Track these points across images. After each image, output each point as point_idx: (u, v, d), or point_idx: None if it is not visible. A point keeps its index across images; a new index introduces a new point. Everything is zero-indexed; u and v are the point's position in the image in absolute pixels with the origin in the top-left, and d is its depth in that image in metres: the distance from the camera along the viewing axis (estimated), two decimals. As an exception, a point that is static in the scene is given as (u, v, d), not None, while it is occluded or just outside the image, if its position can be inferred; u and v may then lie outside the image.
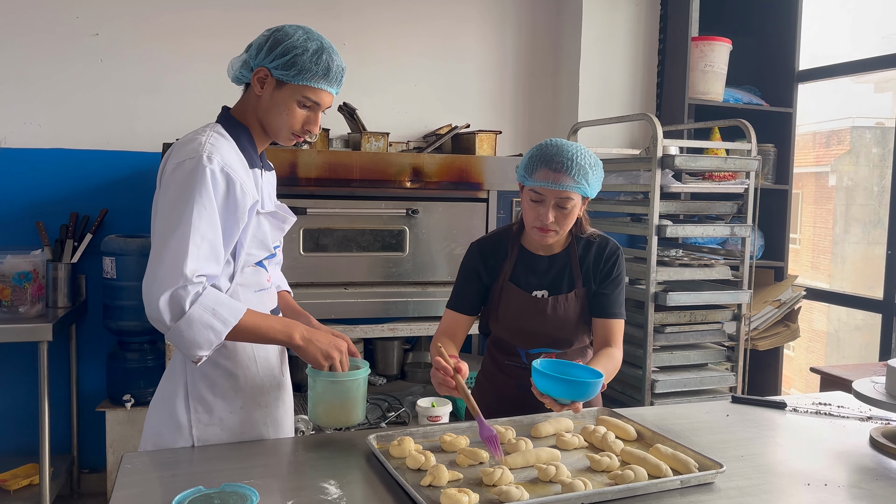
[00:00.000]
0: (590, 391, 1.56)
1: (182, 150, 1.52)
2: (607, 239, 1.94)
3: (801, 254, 5.17)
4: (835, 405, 2.00)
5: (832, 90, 4.36)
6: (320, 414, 1.63)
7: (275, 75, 1.55)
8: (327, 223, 2.90)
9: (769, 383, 3.66)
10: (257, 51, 1.57)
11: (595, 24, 3.63)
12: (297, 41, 1.54)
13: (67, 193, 3.23)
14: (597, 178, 1.80)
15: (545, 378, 1.57)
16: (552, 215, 1.77)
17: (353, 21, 3.54)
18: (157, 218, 1.51)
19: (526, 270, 1.91)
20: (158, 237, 1.47)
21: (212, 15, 3.35)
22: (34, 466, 3.00)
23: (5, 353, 3.19)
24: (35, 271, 2.85)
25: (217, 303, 1.47)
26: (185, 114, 3.29)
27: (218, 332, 1.46)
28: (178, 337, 1.45)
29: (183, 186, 1.47)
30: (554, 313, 1.87)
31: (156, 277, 1.43)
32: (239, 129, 1.61)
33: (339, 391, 1.61)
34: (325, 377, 1.60)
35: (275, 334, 1.56)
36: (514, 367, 1.94)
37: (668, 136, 3.49)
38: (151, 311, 1.44)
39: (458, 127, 3.39)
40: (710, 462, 1.46)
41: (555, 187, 1.74)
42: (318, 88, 1.57)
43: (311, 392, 1.63)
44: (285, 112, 1.57)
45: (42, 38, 3.17)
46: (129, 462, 1.48)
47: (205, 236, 1.46)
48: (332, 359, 1.59)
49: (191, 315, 1.43)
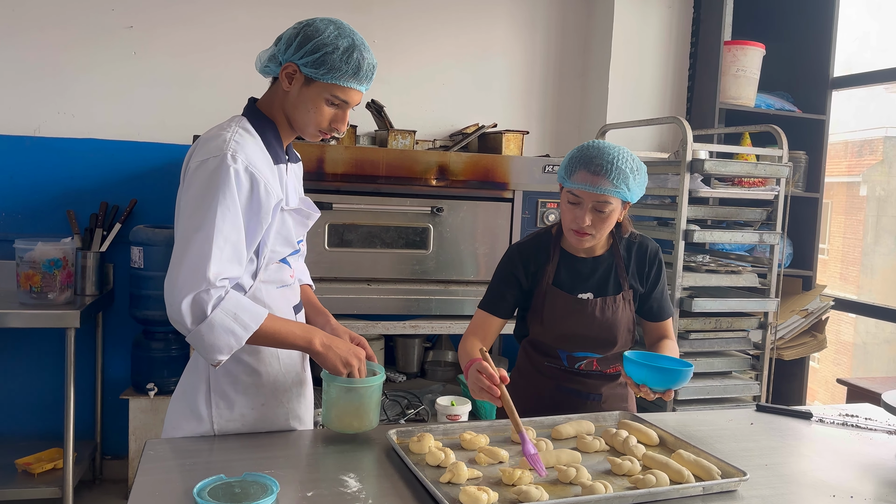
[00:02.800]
0: (682, 378, 1.62)
1: (206, 146, 1.50)
2: (646, 239, 1.94)
3: (830, 264, 5.09)
4: (862, 417, 1.96)
5: (866, 99, 4.28)
6: (333, 419, 1.62)
7: (304, 72, 1.51)
8: (353, 219, 2.91)
9: (794, 394, 3.60)
10: (286, 45, 1.53)
11: (626, 26, 3.60)
12: (327, 38, 1.50)
13: (98, 183, 3.28)
14: (638, 184, 1.76)
15: (640, 367, 1.63)
16: (589, 218, 1.75)
17: (383, 18, 3.55)
18: (180, 217, 1.50)
19: (569, 273, 1.88)
20: (181, 238, 1.46)
21: (243, 10, 3.38)
22: (58, 451, 3.05)
23: (34, 338, 3.25)
24: (65, 259, 2.89)
25: (239, 307, 1.46)
26: (215, 107, 3.32)
27: (238, 338, 1.46)
28: (199, 340, 1.45)
29: (206, 186, 1.45)
30: (602, 315, 1.85)
31: (178, 280, 1.42)
32: (265, 124, 1.59)
33: (353, 397, 1.60)
34: (340, 383, 1.60)
35: (294, 340, 1.55)
36: (554, 369, 1.91)
37: (698, 140, 3.45)
38: (173, 312, 1.43)
39: (485, 126, 3.38)
40: (734, 469, 1.44)
41: (592, 190, 1.72)
42: (348, 87, 1.53)
43: (326, 397, 1.62)
44: (313, 109, 1.55)
45: (77, 30, 3.23)
46: (152, 449, 1.50)
47: (228, 238, 1.45)
48: (351, 366, 1.58)
49: (212, 319, 1.42)
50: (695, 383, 2.91)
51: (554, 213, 3.07)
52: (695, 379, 2.95)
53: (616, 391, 1.94)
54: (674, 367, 1.64)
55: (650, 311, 1.95)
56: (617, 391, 1.95)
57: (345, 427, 1.61)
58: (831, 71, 3.61)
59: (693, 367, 1.65)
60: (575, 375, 1.90)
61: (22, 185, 3.21)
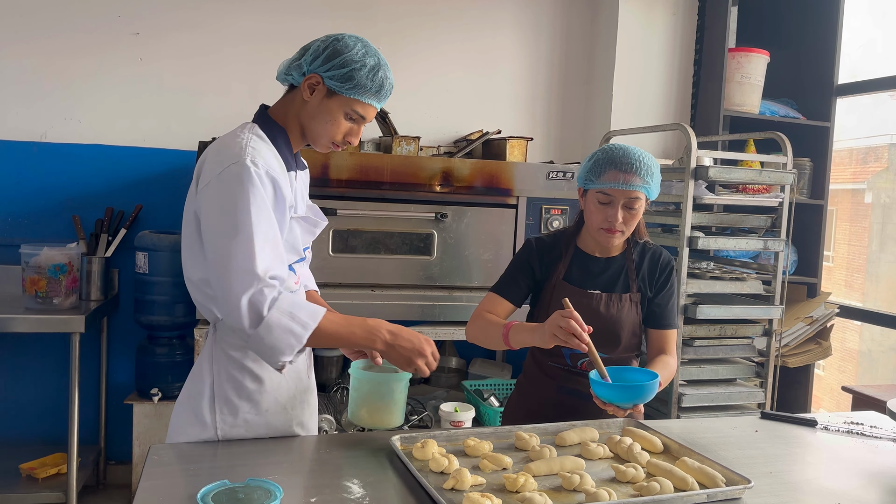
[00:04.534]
0: (646, 393, 1.64)
1: (223, 153, 1.51)
2: (660, 248, 1.99)
3: (835, 271, 5.08)
4: (867, 425, 1.95)
5: (871, 106, 4.28)
6: (364, 415, 1.66)
7: (327, 84, 1.55)
8: (357, 225, 2.92)
9: (798, 401, 3.59)
10: (313, 57, 1.56)
11: (631, 33, 3.61)
12: (356, 55, 1.54)
13: (104, 188, 3.29)
14: (658, 180, 1.86)
15: (604, 387, 1.65)
16: (621, 216, 1.82)
17: (387, 25, 3.57)
18: (211, 227, 1.48)
19: (581, 270, 1.95)
20: (219, 247, 1.46)
21: (249, 17, 3.40)
22: (62, 456, 3.05)
23: (39, 343, 3.26)
24: (70, 264, 2.90)
25: (294, 306, 1.46)
26: (221, 113, 3.34)
27: (299, 336, 1.45)
28: (259, 344, 1.45)
29: (234, 190, 1.46)
30: (607, 311, 1.90)
31: (230, 286, 1.43)
32: (276, 131, 1.61)
33: (384, 393, 1.64)
34: (371, 378, 1.63)
35: (355, 339, 1.54)
36: (557, 369, 1.95)
37: (703, 146, 3.45)
38: (231, 319, 1.44)
39: (490, 133, 3.39)
40: (738, 477, 1.44)
41: (625, 187, 1.80)
42: (368, 104, 1.58)
43: (356, 393, 1.65)
44: (330, 121, 1.58)
45: (84, 36, 3.24)
46: (157, 454, 1.50)
47: (266, 237, 1.46)
48: (417, 364, 1.55)
49: (269, 320, 1.42)
50: (699, 390, 2.90)
51: (558, 220, 3.08)
52: (699, 386, 2.94)
53: None
54: (637, 383, 1.66)
55: (652, 316, 1.97)
56: None
57: (375, 423, 1.65)
58: (836, 78, 3.61)
59: (659, 378, 1.68)
60: (577, 376, 1.92)
61: (28, 190, 3.23)
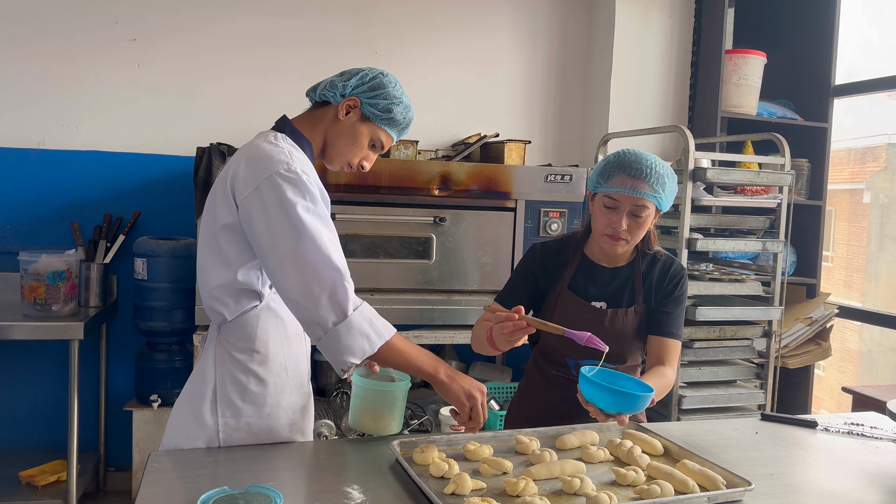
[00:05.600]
0: (638, 404, 1.53)
1: (265, 161, 1.52)
2: (673, 259, 1.91)
3: (834, 271, 5.08)
4: (867, 425, 1.95)
5: (869, 106, 4.29)
6: (366, 422, 1.67)
7: (364, 110, 1.65)
8: (355, 229, 2.92)
9: (799, 402, 3.59)
10: (359, 82, 1.65)
11: (627, 35, 3.61)
12: (397, 92, 1.66)
13: (102, 195, 3.29)
14: (671, 191, 1.78)
15: (593, 386, 1.53)
16: (626, 223, 1.75)
17: (385, 29, 3.57)
18: (270, 233, 1.49)
19: (586, 280, 1.88)
20: (285, 250, 1.47)
21: (246, 23, 3.40)
22: (62, 463, 3.05)
23: (38, 350, 3.26)
24: (69, 271, 2.90)
25: (374, 315, 1.53)
26: (218, 120, 3.34)
27: (372, 343, 1.49)
28: (335, 341, 1.47)
29: (287, 196, 1.49)
30: (612, 326, 1.84)
31: (309, 285, 1.46)
32: (303, 142, 1.66)
33: (387, 401, 1.66)
34: (374, 386, 1.66)
35: (421, 364, 1.57)
36: (561, 378, 1.90)
37: (700, 148, 3.45)
38: (313, 314, 1.47)
39: (487, 136, 3.39)
40: (739, 479, 1.43)
41: (632, 194, 1.73)
42: (391, 135, 1.70)
43: (358, 400, 1.68)
44: (355, 144, 1.67)
45: (81, 43, 3.25)
46: (156, 461, 1.50)
47: (330, 239, 1.52)
48: (475, 399, 1.58)
49: (351, 320, 1.47)
50: (699, 392, 2.90)
51: (556, 222, 3.08)
52: (699, 388, 2.95)
53: None
54: (629, 392, 1.52)
55: (653, 322, 1.87)
56: None
57: (378, 429, 1.68)
58: (833, 79, 3.61)
59: (653, 393, 1.56)
60: None
61: (26, 197, 3.23)
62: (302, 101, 1.75)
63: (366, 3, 3.54)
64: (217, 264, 1.59)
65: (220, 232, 1.57)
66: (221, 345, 1.62)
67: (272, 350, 1.63)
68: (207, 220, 1.62)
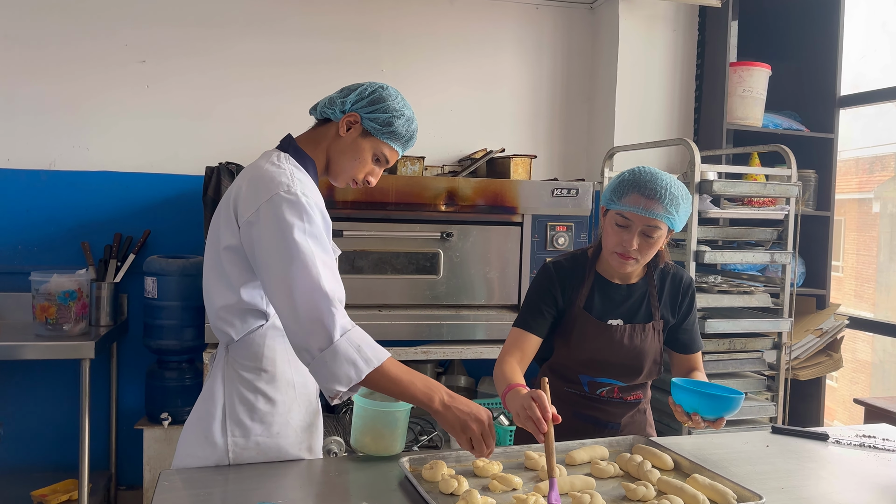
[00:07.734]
0: (733, 406, 1.60)
1: (267, 183, 1.53)
2: (680, 269, 1.93)
3: (844, 282, 5.05)
4: (880, 438, 1.94)
5: (876, 115, 4.28)
6: (367, 443, 1.67)
7: (365, 125, 1.64)
8: (363, 245, 2.93)
9: (811, 414, 3.56)
10: (358, 98, 1.64)
11: (632, 49, 3.63)
12: (397, 104, 1.65)
13: (112, 215, 3.32)
14: (685, 212, 1.76)
15: (691, 394, 1.61)
16: (636, 242, 1.74)
17: (390, 46, 3.60)
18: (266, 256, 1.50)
19: (601, 298, 1.87)
20: (278, 274, 1.48)
21: (254, 43, 3.44)
22: (73, 482, 3.05)
23: (49, 369, 3.28)
24: (79, 290, 2.92)
25: (363, 341, 1.48)
26: (227, 140, 3.37)
27: (359, 370, 1.45)
28: (321, 368, 1.45)
29: (285, 218, 1.49)
30: (630, 343, 1.84)
31: (297, 310, 1.45)
32: (306, 160, 1.66)
33: (389, 422, 1.65)
34: (375, 406, 1.65)
35: (414, 391, 1.50)
36: (573, 395, 1.90)
37: (706, 161, 3.46)
38: (300, 339, 1.46)
39: (493, 151, 3.41)
40: (750, 493, 1.43)
41: (645, 214, 1.71)
42: (395, 149, 1.68)
43: (360, 421, 1.67)
44: (358, 159, 1.66)
45: (92, 65, 3.29)
46: (167, 479, 1.50)
47: (325, 263, 1.51)
48: (472, 430, 1.49)
49: (336, 346, 1.44)
50: (710, 405, 2.88)
51: (563, 237, 3.08)
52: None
53: (635, 419, 1.93)
54: (725, 395, 1.62)
55: (681, 343, 1.94)
56: (636, 419, 1.93)
57: (378, 450, 1.66)
58: (838, 89, 3.61)
59: (744, 396, 1.64)
60: (594, 402, 1.89)
61: (37, 218, 3.26)
62: (310, 121, 1.77)
63: (372, 22, 3.57)
64: (221, 285, 1.61)
65: (223, 253, 1.58)
66: (229, 364, 1.63)
67: (280, 368, 1.64)
68: (212, 241, 1.63)
